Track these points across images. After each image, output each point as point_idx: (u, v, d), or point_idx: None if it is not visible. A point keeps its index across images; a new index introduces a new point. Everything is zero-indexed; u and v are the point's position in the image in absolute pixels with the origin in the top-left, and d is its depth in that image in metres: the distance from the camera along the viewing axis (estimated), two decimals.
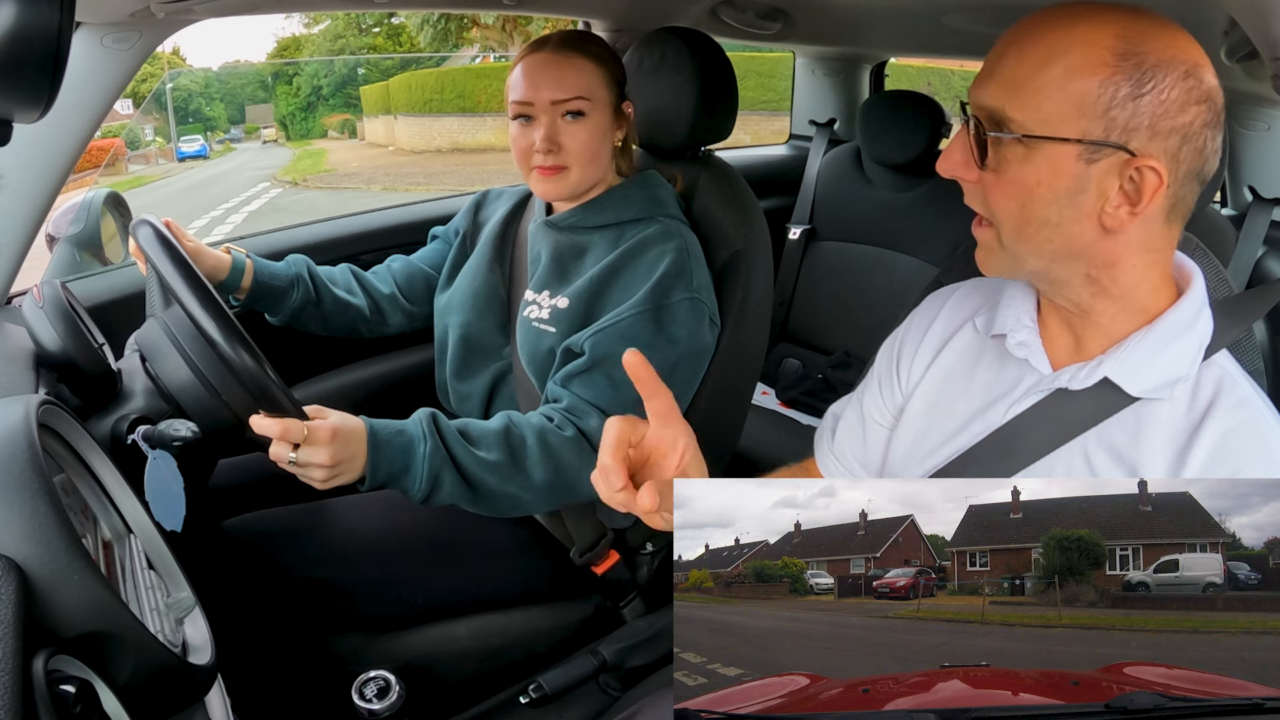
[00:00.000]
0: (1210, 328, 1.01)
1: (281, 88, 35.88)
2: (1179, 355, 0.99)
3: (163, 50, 35.20)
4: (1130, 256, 0.98)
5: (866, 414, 1.27)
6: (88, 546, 0.96)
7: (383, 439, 1.36)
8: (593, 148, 1.60)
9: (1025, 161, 0.94)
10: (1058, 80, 0.91)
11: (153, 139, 29.44)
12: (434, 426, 1.41)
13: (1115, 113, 0.90)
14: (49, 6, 0.68)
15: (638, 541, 1.76)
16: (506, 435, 1.45)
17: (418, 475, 1.37)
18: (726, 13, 2.47)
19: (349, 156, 26.56)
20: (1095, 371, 1.01)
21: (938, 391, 1.17)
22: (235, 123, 35.46)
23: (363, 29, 34.31)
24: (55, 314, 1.36)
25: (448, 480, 1.40)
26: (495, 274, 1.77)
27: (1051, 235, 0.96)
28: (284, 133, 34.45)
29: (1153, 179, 0.91)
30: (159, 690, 0.96)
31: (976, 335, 1.16)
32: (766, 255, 1.75)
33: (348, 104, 33.70)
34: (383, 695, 1.39)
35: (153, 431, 1.31)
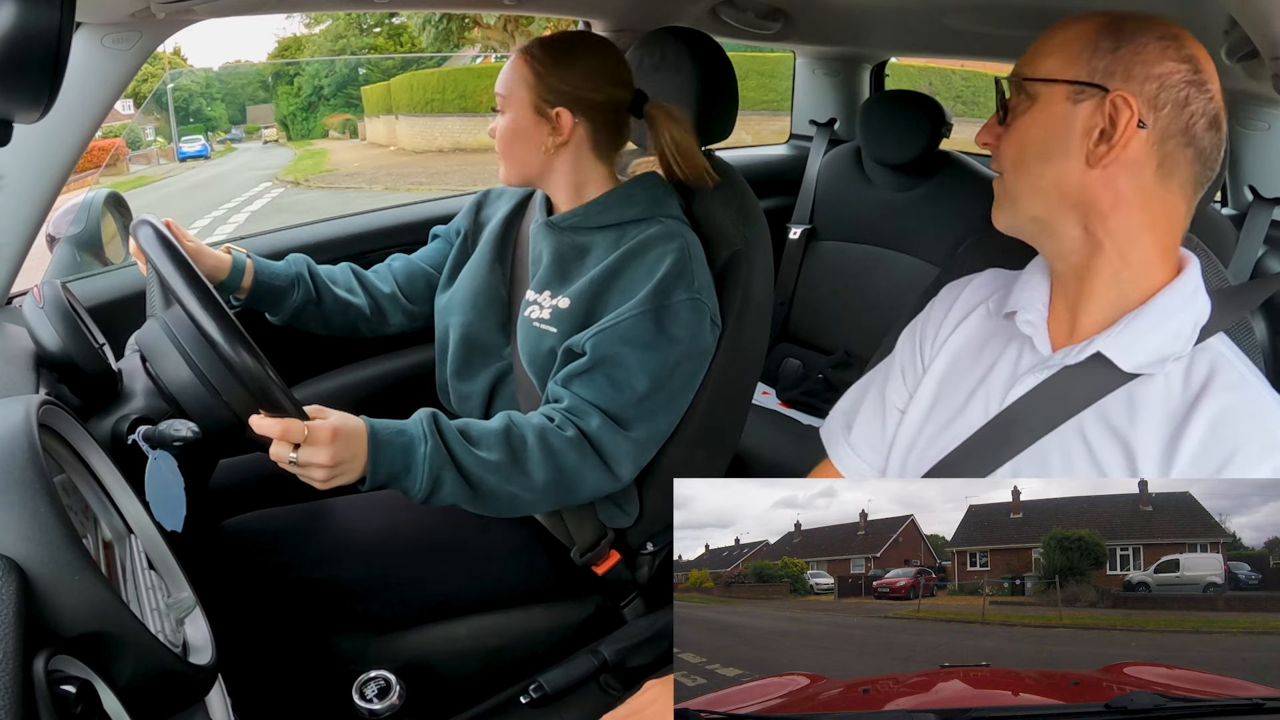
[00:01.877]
0: (1207, 309, 1.06)
1: (283, 88, 35.84)
2: (1173, 334, 1.04)
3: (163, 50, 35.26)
4: (1123, 209, 1.04)
5: (888, 402, 1.30)
6: (88, 547, 0.96)
7: (383, 439, 1.36)
8: (505, 142, 1.65)
9: (1028, 112, 1.07)
10: (1056, 44, 1.06)
11: (153, 139, 29.48)
12: (435, 426, 1.41)
13: (1096, 61, 1.02)
14: (49, 7, 0.68)
15: (638, 542, 1.76)
16: (507, 435, 1.45)
17: (418, 475, 1.37)
18: (727, 12, 2.47)
19: (350, 156, 26.53)
20: (1089, 346, 1.06)
21: (947, 370, 1.22)
22: (236, 123, 35.43)
23: (363, 29, 34.30)
24: (56, 314, 1.36)
25: (448, 480, 1.40)
26: (496, 274, 1.77)
27: (1045, 171, 1.06)
28: (285, 133, 34.39)
29: (1125, 111, 1.00)
30: (159, 690, 0.96)
31: (988, 316, 1.22)
32: (767, 255, 1.74)
33: (348, 104, 33.66)
34: (383, 695, 1.39)
35: (153, 432, 1.31)
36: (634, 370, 1.50)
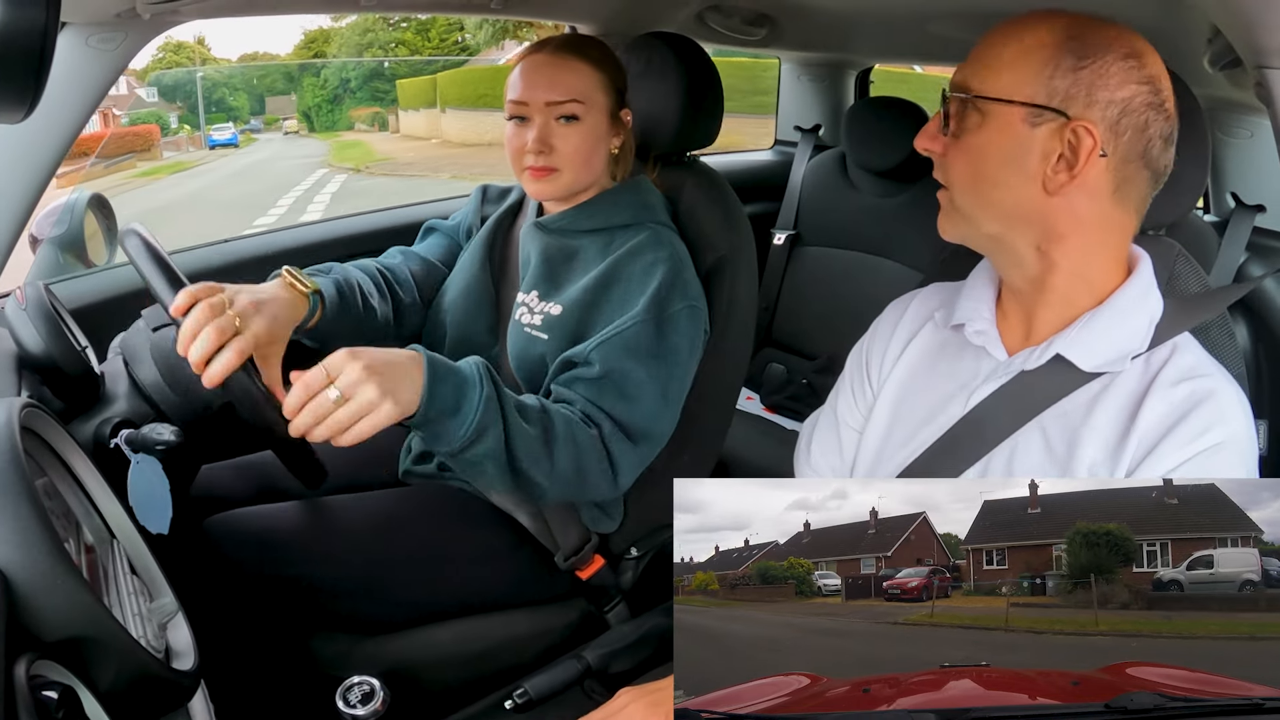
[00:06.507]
0: (1160, 306, 1.06)
1: (308, 80, 36.06)
2: (1130, 332, 1.05)
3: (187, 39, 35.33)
4: (1080, 233, 1.04)
5: (841, 420, 1.30)
6: (70, 551, 0.95)
7: (440, 370, 1.27)
8: (585, 152, 1.60)
9: (980, 128, 1.03)
10: (1011, 57, 1.01)
11: (178, 127, 29.73)
12: (490, 375, 1.33)
13: (1057, 81, 0.99)
14: (34, 6, 0.67)
15: (622, 546, 1.75)
16: (543, 414, 1.41)
17: (468, 419, 1.28)
18: (713, 18, 2.48)
19: (393, 148, 27.05)
20: (1047, 350, 1.07)
21: (902, 388, 1.22)
22: (255, 114, 35.49)
23: (391, 23, 34.48)
24: (38, 316, 1.35)
25: (490, 437, 1.31)
26: (486, 273, 1.76)
27: (1001, 195, 1.04)
28: (306, 124, 34.54)
29: (1088, 141, 0.98)
30: (142, 696, 0.96)
31: (937, 330, 1.22)
32: (751, 260, 1.75)
33: (374, 97, 33.91)
34: (367, 700, 1.38)
35: (135, 435, 1.31)
36: (643, 381, 1.49)
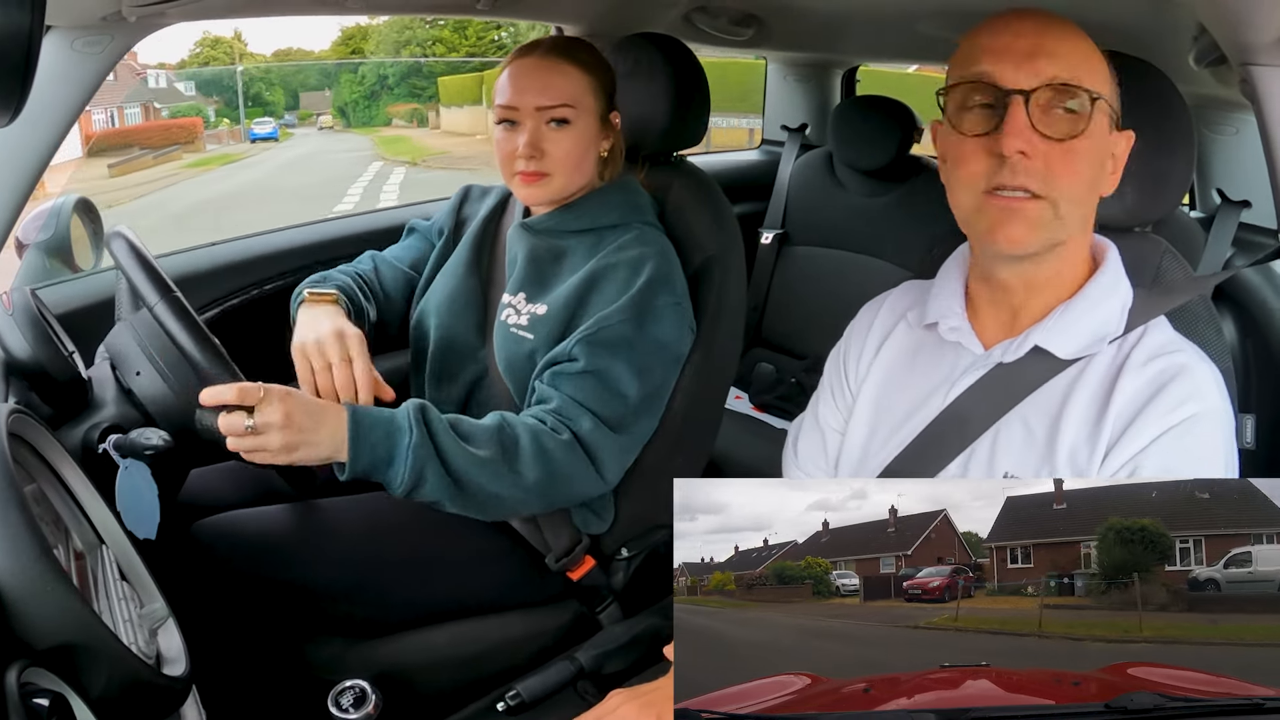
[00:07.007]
0: (1130, 292, 1.08)
1: (346, 75, 36.23)
2: (1104, 318, 1.06)
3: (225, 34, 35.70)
4: (1085, 232, 1.08)
5: (823, 423, 1.31)
6: (59, 558, 0.95)
7: (365, 424, 1.33)
8: (576, 156, 1.59)
9: (1085, 133, 0.99)
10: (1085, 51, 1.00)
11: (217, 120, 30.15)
12: (422, 418, 1.38)
13: (1114, 85, 1.02)
14: (19, 9, 0.66)
15: (613, 547, 1.75)
16: (500, 433, 1.43)
17: (401, 467, 1.35)
18: (700, 19, 2.48)
19: (439, 143, 27.26)
20: (1025, 342, 1.07)
21: (881, 388, 1.23)
22: (289, 109, 35.64)
23: (428, 22, 34.53)
24: (25, 322, 1.34)
25: (431, 476, 1.37)
26: (474, 275, 1.75)
27: (1091, 199, 1.04)
28: (342, 120, 34.68)
29: (1124, 145, 1.03)
30: (133, 703, 0.96)
31: (910, 330, 1.22)
32: (740, 260, 1.75)
33: (412, 93, 34.08)
34: (359, 704, 1.37)
35: (124, 440, 1.30)
36: (624, 374, 1.50)
